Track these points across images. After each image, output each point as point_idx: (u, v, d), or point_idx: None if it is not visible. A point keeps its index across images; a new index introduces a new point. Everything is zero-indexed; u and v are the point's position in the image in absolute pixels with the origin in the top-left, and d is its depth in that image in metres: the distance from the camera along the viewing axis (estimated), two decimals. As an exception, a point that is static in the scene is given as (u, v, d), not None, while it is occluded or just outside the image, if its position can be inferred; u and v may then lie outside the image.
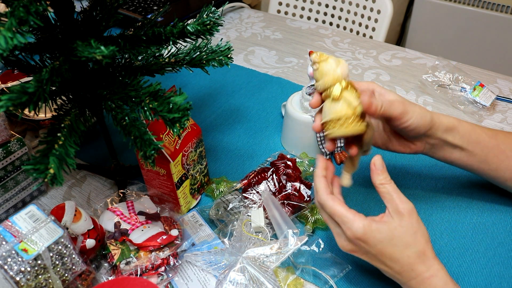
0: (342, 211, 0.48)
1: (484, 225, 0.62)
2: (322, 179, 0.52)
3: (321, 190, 0.51)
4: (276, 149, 0.77)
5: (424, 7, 1.66)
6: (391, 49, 1.06)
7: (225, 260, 0.54)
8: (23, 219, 0.50)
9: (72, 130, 0.48)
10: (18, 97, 0.40)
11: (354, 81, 0.52)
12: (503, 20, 1.52)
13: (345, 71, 0.49)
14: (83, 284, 0.53)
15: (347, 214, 0.48)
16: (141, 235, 0.55)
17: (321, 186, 0.51)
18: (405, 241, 0.47)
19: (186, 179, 0.62)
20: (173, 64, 0.59)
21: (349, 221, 0.48)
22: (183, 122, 0.44)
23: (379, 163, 0.50)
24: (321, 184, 0.51)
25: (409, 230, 0.47)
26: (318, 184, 0.51)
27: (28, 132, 0.76)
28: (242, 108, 0.87)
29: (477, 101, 0.83)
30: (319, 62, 0.50)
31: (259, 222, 0.58)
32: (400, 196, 0.48)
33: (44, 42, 0.52)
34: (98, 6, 0.55)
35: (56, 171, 0.42)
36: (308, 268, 0.56)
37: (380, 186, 0.49)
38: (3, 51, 0.37)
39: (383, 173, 0.49)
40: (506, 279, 0.55)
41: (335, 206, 0.49)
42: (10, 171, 0.62)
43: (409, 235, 0.47)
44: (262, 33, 1.14)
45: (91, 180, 0.72)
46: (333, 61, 0.50)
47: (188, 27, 0.53)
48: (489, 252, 0.59)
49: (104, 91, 0.51)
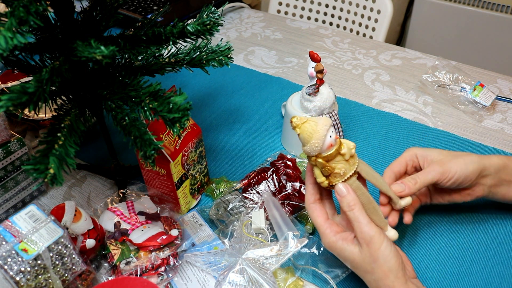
0: (316, 223, 0.51)
1: (484, 225, 0.62)
2: (309, 186, 0.53)
3: (307, 196, 0.53)
4: (276, 149, 0.77)
5: (424, 7, 1.66)
6: (391, 49, 1.06)
7: (224, 261, 0.54)
8: (23, 219, 0.50)
9: (72, 130, 0.48)
10: (18, 97, 0.40)
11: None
12: (503, 20, 1.52)
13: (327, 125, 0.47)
14: (83, 284, 0.53)
15: (320, 227, 0.51)
16: (141, 235, 0.55)
17: (307, 192, 0.53)
18: (364, 268, 0.48)
19: (186, 179, 0.62)
20: (173, 64, 0.59)
21: (321, 232, 0.51)
22: (183, 122, 0.44)
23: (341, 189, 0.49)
24: (307, 189, 0.53)
25: (366, 259, 0.47)
26: (306, 190, 0.53)
27: (28, 132, 0.76)
28: (242, 108, 0.87)
29: (477, 101, 0.83)
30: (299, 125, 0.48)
31: (260, 224, 0.58)
32: (362, 224, 0.47)
33: (44, 42, 0.52)
34: (98, 6, 0.55)
35: (56, 171, 0.42)
36: (308, 269, 0.56)
37: (346, 212, 0.49)
38: (3, 51, 0.37)
39: (347, 198, 0.48)
40: (506, 279, 0.55)
41: (313, 216, 0.52)
42: (10, 171, 0.62)
43: (366, 263, 0.47)
44: (262, 33, 1.14)
45: (91, 180, 0.72)
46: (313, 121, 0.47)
47: (188, 27, 0.53)
48: (489, 252, 0.59)
49: (104, 91, 0.51)
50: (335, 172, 0.48)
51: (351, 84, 0.94)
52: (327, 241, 0.50)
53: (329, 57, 1.03)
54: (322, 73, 0.66)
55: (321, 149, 0.47)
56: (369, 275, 0.48)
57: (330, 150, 0.47)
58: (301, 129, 0.47)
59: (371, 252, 0.46)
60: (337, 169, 0.48)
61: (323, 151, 0.47)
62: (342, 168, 0.48)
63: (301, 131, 0.47)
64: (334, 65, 1.00)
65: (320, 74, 0.66)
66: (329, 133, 0.47)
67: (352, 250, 0.48)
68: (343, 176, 0.49)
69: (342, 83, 0.94)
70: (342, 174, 0.49)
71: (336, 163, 0.48)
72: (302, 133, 0.47)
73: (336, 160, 0.48)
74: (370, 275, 0.47)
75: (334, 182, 0.49)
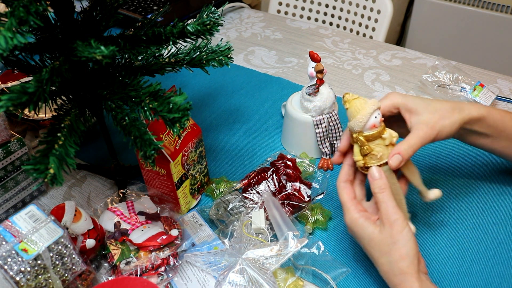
0: (343, 199, 0.53)
1: (484, 225, 0.62)
2: (346, 166, 0.56)
3: (340, 175, 0.56)
4: (276, 149, 0.77)
5: (424, 7, 1.66)
6: (391, 49, 1.06)
7: (224, 261, 0.54)
8: (23, 219, 0.50)
9: (72, 130, 0.48)
10: (18, 97, 0.40)
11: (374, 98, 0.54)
12: (503, 20, 1.52)
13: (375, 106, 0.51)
14: (83, 284, 0.53)
15: (346, 203, 0.53)
16: (141, 235, 0.55)
17: (341, 172, 0.56)
18: (381, 248, 0.49)
19: (186, 179, 0.62)
20: (173, 64, 0.59)
21: (346, 208, 0.53)
22: (183, 122, 0.44)
23: (374, 172, 0.52)
24: (343, 169, 0.56)
25: (385, 240, 0.49)
26: (341, 169, 0.56)
27: (28, 132, 0.76)
28: (242, 108, 0.87)
29: (477, 101, 0.83)
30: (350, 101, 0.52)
31: (260, 224, 0.58)
32: (389, 206, 0.50)
33: (44, 42, 0.52)
34: (98, 6, 0.55)
35: (56, 171, 0.42)
36: (308, 269, 0.56)
37: (376, 193, 0.51)
38: (3, 51, 0.37)
39: (379, 182, 0.51)
40: (506, 279, 0.55)
41: (341, 193, 0.54)
42: (10, 171, 0.62)
43: (385, 244, 0.49)
44: (262, 33, 1.14)
45: (91, 180, 0.72)
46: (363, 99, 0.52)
47: (188, 27, 0.53)
48: (489, 252, 0.59)
49: (104, 91, 0.51)
50: (372, 153, 0.52)
51: (351, 84, 0.94)
52: (349, 217, 0.52)
53: (329, 57, 1.03)
54: (322, 73, 0.66)
55: (365, 126, 0.51)
56: (385, 256, 0.48)
57: (373, 130, 0.51)
58: (350, 104, 0.51)
59: (393, 234, 0.48)
60: (375, 151, 0.51)
61: (366, 129, 0.51)
62: (380, 152, 0.52)
63: (350, 106, 0.51)
64: (334, 65, 1.00)
65: (320, 74, 0.66)
66: (374, 114, 0.51)
67: (373, 230, 0.50)
68: (379, 160, 0.52)
69: (342, 83, 0.94)
70: (378, 158, 0.52)
71: (375, 145, 0.52)
72: (350, 107, 0.51)
73: (376, 142, 0.52)
74: (386, 256, 0.48)
75: (369, 163, 0.52)
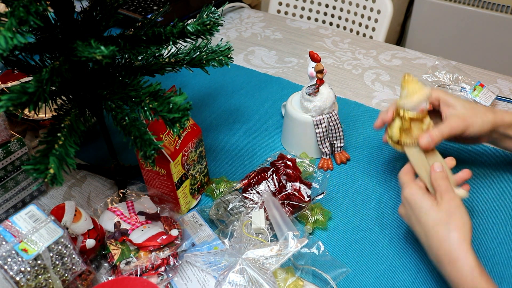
0: (405, 178, 0.57)
1: (484, 225, 0.62)
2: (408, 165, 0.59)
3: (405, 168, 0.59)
4: (276, 149, 0.77)
5: (424, 7, 1.66)
6: (391, 49, 1.06)
7: (224, 261, 0.54)
8: (23, 219, 0.50)
9: (72, 130, 0.48)
10: (18, 97, 0.40)
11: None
12: (503, 20, 1.52)
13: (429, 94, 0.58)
14: (83, 284, 0.53)
15: (404, 178, 0.57)
16: (141, 235, 0.55)
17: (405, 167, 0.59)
18: (439, 218, 0.51)
19: (186, 179, 0.62)
20: (173, 64, 0.59)
21: (404, 184, 0.56)
22: (183, 122, 0.44)
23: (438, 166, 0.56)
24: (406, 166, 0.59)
25: (444, 210, 0.51)
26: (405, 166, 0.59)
27: (28, 132, 0.76)
28: (242, 108, 0.87)
29: (477, 101, 0.83)
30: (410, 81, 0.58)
31: (260, 224, 0.58)
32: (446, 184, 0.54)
33: (44, 42, 0.52)
34: (98, 6, 0.55)
35: (56, 171, 0.42)
36: (308, 269, 0.56)
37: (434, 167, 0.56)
38: (3, 51, 0.37)
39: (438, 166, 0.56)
40: (506, 279, 0.55)
41: (402, 172, 0.58)
42: (10, 171, 0.62)
43: (444, 213, 0.51)
44: (262, 33, 1.14)
45: (91, 180, 0.72)
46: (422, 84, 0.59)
47: (188, 27, 0.53)
48: (489, 252, 0.59)
49: (104, 91, 0.51)
50: (410, 132, 0.59)
51: (351, 84, 0.94)
52: (408, 191, 0.55)
53: (329, 57, 1.03)
54: (322, 73, 0.66)
55: (415, 107, 0.58)
56: (443, 225, 0.50)
57: (419, 113, 0.58)
58: (409, 85, 0.58)
59: (451, 205, 0.52)
60: (413, 131, 0.59)
61: (415, 110, 0.58)
62: (417, 133, 0.59)
63: (408, 86, 0.58)
64: (334, 65, 1.00)
65: (320, 74, 0.66)
66: (426, 100, 0.58)
67: (432, 202, 0.53)
68: (413, 140, 0.59)
69: (342, 83, 0.94)
70: (413, 138, 0.59)
71: (414, 126, 0.59)
72: (408, 88, 0.58)
73: (417, 124, 0.59)
74: (444, 225, 0.50)
75: (404, 140, 0.59)
